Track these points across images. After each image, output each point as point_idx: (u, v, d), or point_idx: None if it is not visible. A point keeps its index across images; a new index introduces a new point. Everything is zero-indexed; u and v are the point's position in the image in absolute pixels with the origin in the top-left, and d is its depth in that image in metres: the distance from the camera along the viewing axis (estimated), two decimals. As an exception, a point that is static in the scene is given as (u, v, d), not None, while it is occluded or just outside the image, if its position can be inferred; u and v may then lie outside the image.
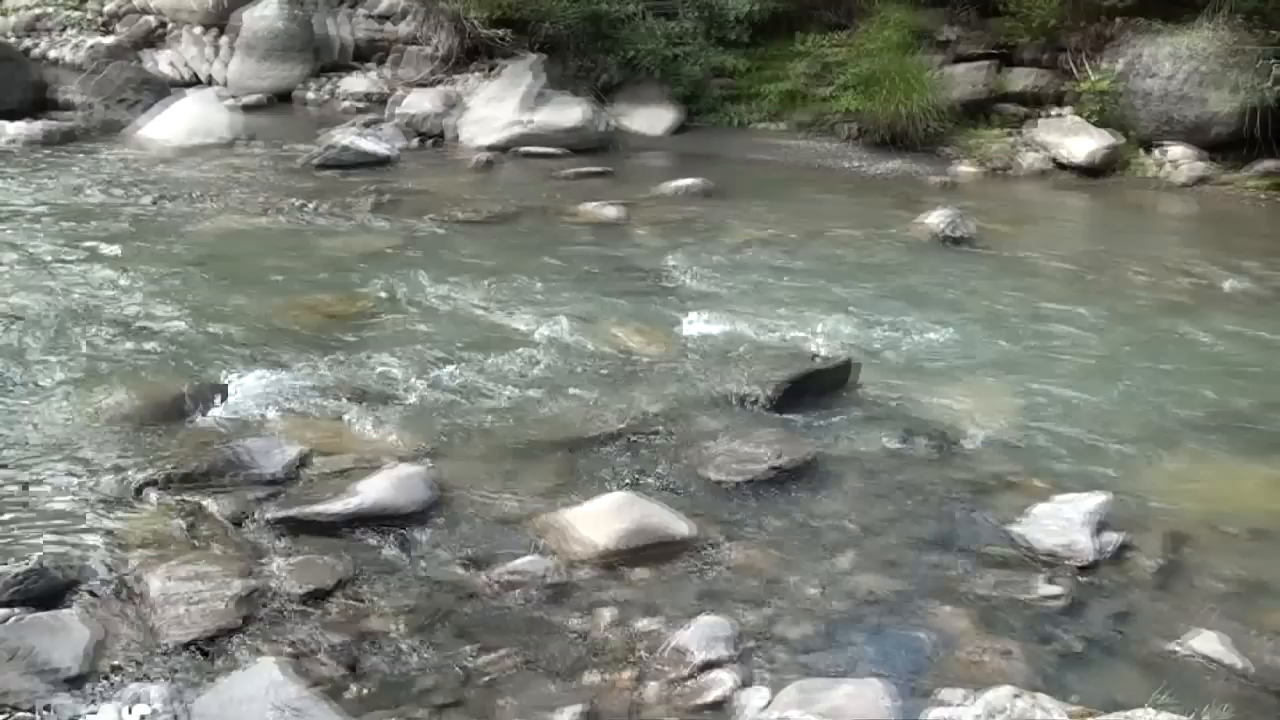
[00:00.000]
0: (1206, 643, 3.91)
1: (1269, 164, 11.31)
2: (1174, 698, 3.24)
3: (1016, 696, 3.05)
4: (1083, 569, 4.40)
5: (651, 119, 12.88)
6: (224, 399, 5.49)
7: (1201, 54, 11.44)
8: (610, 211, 9.30)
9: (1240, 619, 4.16)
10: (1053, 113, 12.43)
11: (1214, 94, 11.34)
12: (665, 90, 12.99)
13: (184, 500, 4.57)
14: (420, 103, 12.46)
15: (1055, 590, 4.25)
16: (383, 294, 7.16)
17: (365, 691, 3.57)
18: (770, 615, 4.05)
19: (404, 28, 14.40)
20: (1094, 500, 4.67)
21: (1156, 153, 11.86)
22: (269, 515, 4.46)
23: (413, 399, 5.62)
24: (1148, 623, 4.14)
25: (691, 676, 3.63)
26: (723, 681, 3.59)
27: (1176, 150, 11.72)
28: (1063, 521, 4.57)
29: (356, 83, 13.99)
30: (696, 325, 6.83)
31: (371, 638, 3.83)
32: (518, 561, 4.21)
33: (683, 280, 7.82)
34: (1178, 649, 3.94)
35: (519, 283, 7.53)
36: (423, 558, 4.31)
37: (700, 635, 3.77)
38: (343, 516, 4.43)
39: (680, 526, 4.50)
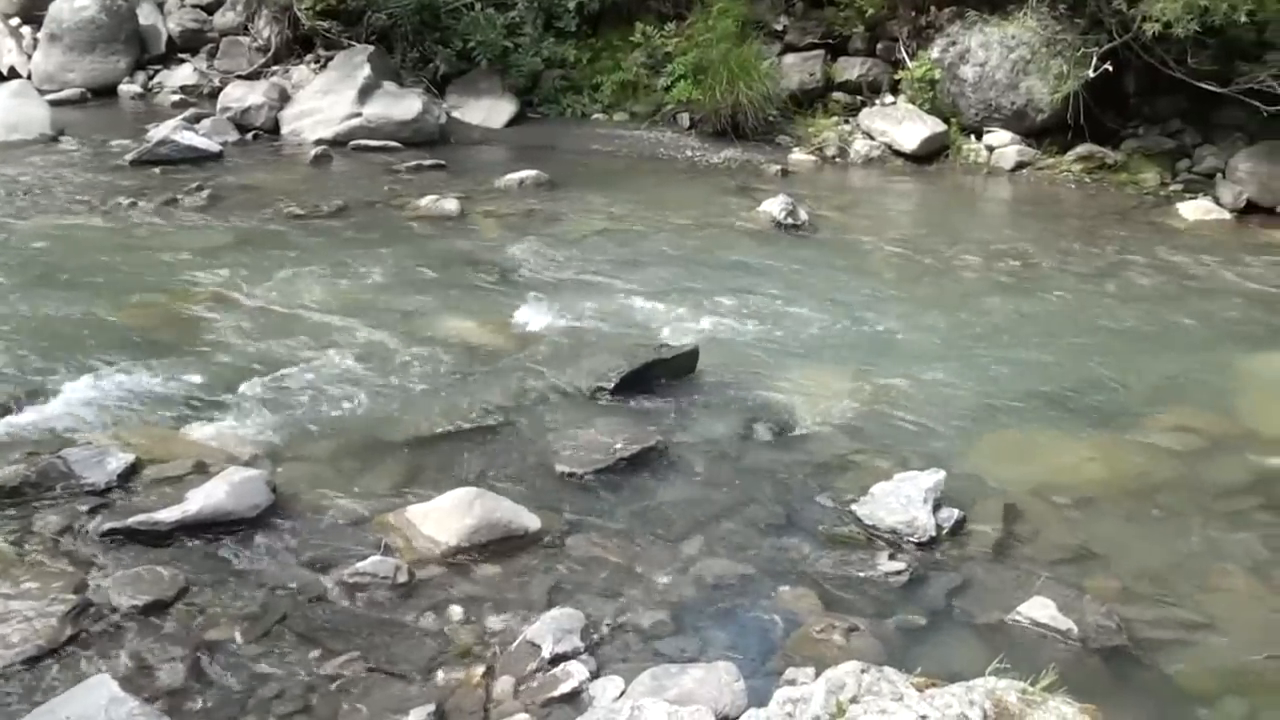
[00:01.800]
0: (1039, 609, 4.08)
1: (1086, 149, 11.80)
2: (1011, 664, 3.34)
3: (863, 671, 3.10)
4: (923, 545, 4.54)
5: (488, 111, 12.74)
6: (48, 407, 5.25)
7: (1021, 43, 11.85)
8: (449, 205, 9.18)
9: (1069, 584, 4.35)
10: (885, 101, 12.73)
11: (1034, 82, 11.77)
12: (501, 81, 12.85)
13: (8, 515, 4.35)
14: (248, 96, 12.06)
15: (897, 566, 4.37)
16: (214, 294, 6.92)
17: (208, 703, 3.47)
18: (621, 605, 4.06)
19: (229, 18, 13.96)
20: (932, 477, 4.81)
21: (983, 139, 12.24)
22: (99, 527, 4.28)
23: (248, 401, 5.46)
24: (985, 593, 4.29)
25: (543, 670, 3.62)
26: (575, 673, 3.60)
27: (1001, 136, 12.13)
28: (903, 499, 4.69)
29: (181, 75, 13.51)
30: (540, 317, 6.80)
31: (212, 648, 3.72)
32: (363, 563, 4.14)
33: (525, 273, 7.78)
34: (1013, 617, 4.09)
35: (357, 279, 7.38)
36: (264, 563, 4.21)
37: (551, 628, 3.77)
38: (178, 524, 4.29)
39: (528, 520, 4.47)
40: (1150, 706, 3.76)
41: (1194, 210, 10.62)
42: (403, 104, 11.81)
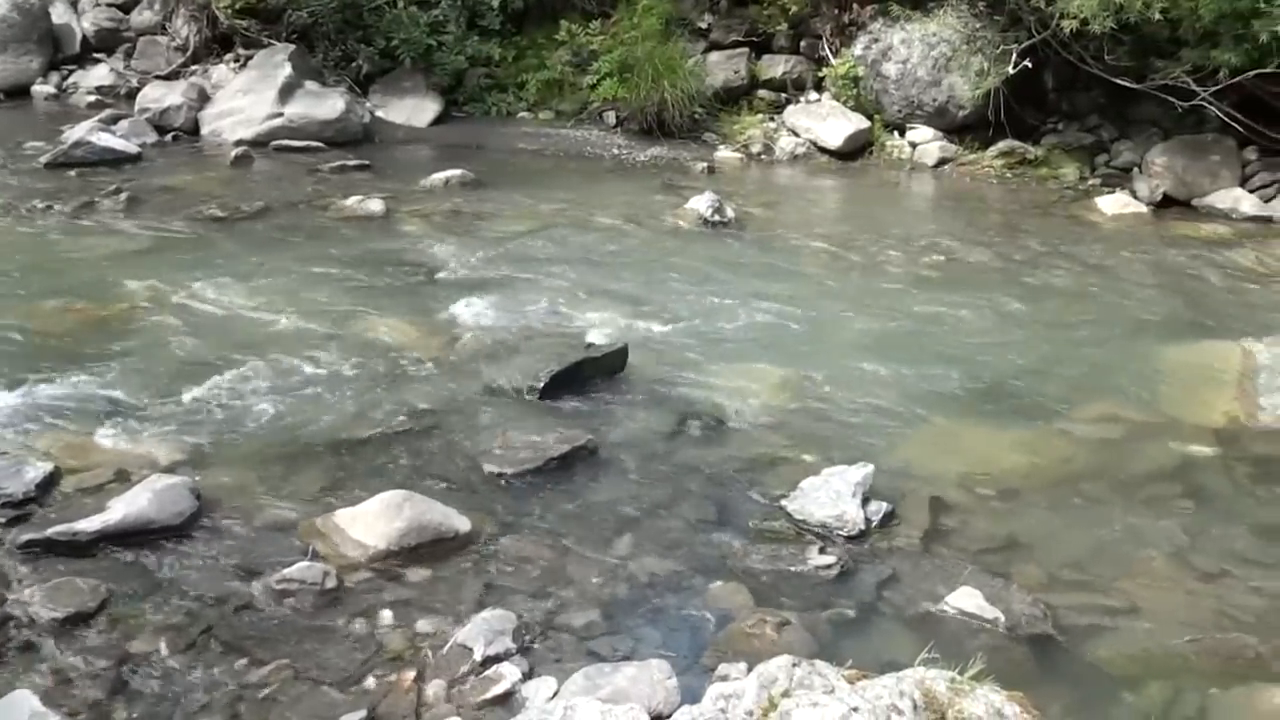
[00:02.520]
0: (967, 599, 4.13)
1: (1007, 144, 11.98)
2: (940, 653, 3.39)
3: (795, 665, 3.12)
4: (852, 538, 4.58)
5: (412, 110, 12.64)
6: (-40, 417, 5.12)
7: (942, 40, 12.01)
8: (374, 205, 9.08)
9: (996, 574, 4.41)
10: (810, 98, 12.83)
11: (955, 79, 11.93)
12: (426, 80, 12.77)
13: (-80, 529, 4.24)
14: (167, 96, 11.84)
15: (827, 560, 4.39)
16: (134, 298, 6.79)
17: (131, 716, 3.40)
18: (553, 605, 4.05)
19: (146, 17, 13.71)
20: (860, 471, 4.85)
21: (906, 135, 12.39)
22: (18, 538, 4.19)
23: (171, 407, 5.36)
24: (914, 584, 4.33)
25: (475, 672, 3.60)
26: (508, 675, 3.58)
27: (924, 133, 12.28)
28: (832, 493, 4.73)
29: (97, 76, 13.23)
30: (468, 318, 6.76)
31: (137, 659, 3.65)
32: (290, 569, 4.08)
33: (452, 273, 7.72)
34: (942, 607, 4.14)
35: (281, 281, 7.28)
36: (188, 571, 4.13)
37: (482, 630, 3.74)
38: (99, 534, 4.20)
39: (458, 522, 4.44)
40: (1076, 692, 3.82)
41: (1112, 204, 10.82)
42: (325, 103, 11.68)
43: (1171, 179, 11.14)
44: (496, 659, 3.66)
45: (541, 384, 5.73)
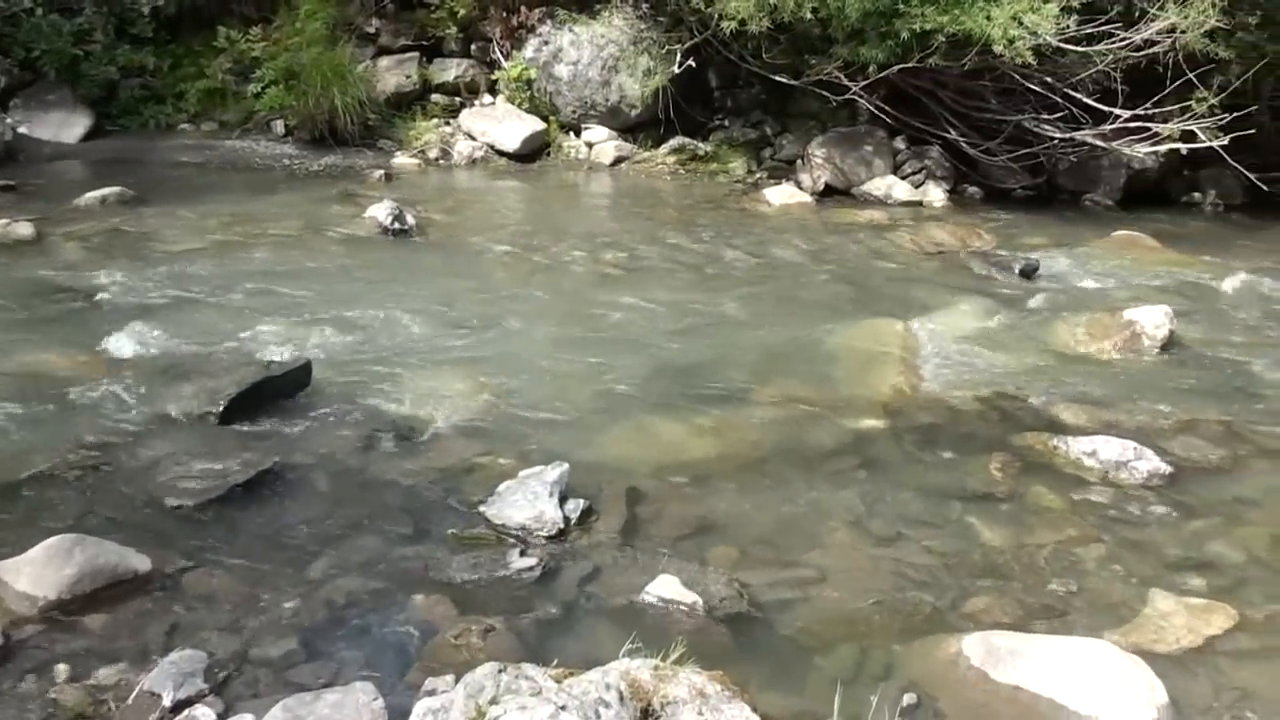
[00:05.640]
0: (666, 586, 4.22)
1: (678, 141, 12.37)
2: (644, 642, 3.44)
3: (501, 671, 3.10)
4: (552, 537, 4.60)
5: (60, 125, 11.80)
6: None
7: (610, 41, 12.25)
8: (21, 229, 8.39)
9: (692, 559, 4.53)
10: (484, 101, 12.82)
11: (625, 79, 12.21)
12: (74, 93, 11.95)
13: None
14: None
15: (529, 562, 4.39)
16: None
17: None
18: (246, 638, 3.86)
19: None
20: (555, 471, 4.87)
21: (582, 136, 12.58)
22: None
23: None
24: (615, 577, 4.39)
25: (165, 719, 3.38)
26: (201, 717, 3.38)
27: (599, 133, 12.51)
28: (529, 495, 4.74)
29: None
30: (133, 344, 6.35)
31: None
32: (-56, 633, 3.72)
33: (115, 297, 7.23)
34: (643, 596, 4.21)
35: (-83, 316, 6.64)
36: None
37: (170, 674, 3.52)
38: None
39: (137, 561, 4.17)
40: (773, 663, 3.96)
41: (779, 195, 11.36)
42: (-42, 121, 10.75)
43: (831, 169, 11.79)
44: (188, 702, 3.45)
45: (220, 408, 5.46)
